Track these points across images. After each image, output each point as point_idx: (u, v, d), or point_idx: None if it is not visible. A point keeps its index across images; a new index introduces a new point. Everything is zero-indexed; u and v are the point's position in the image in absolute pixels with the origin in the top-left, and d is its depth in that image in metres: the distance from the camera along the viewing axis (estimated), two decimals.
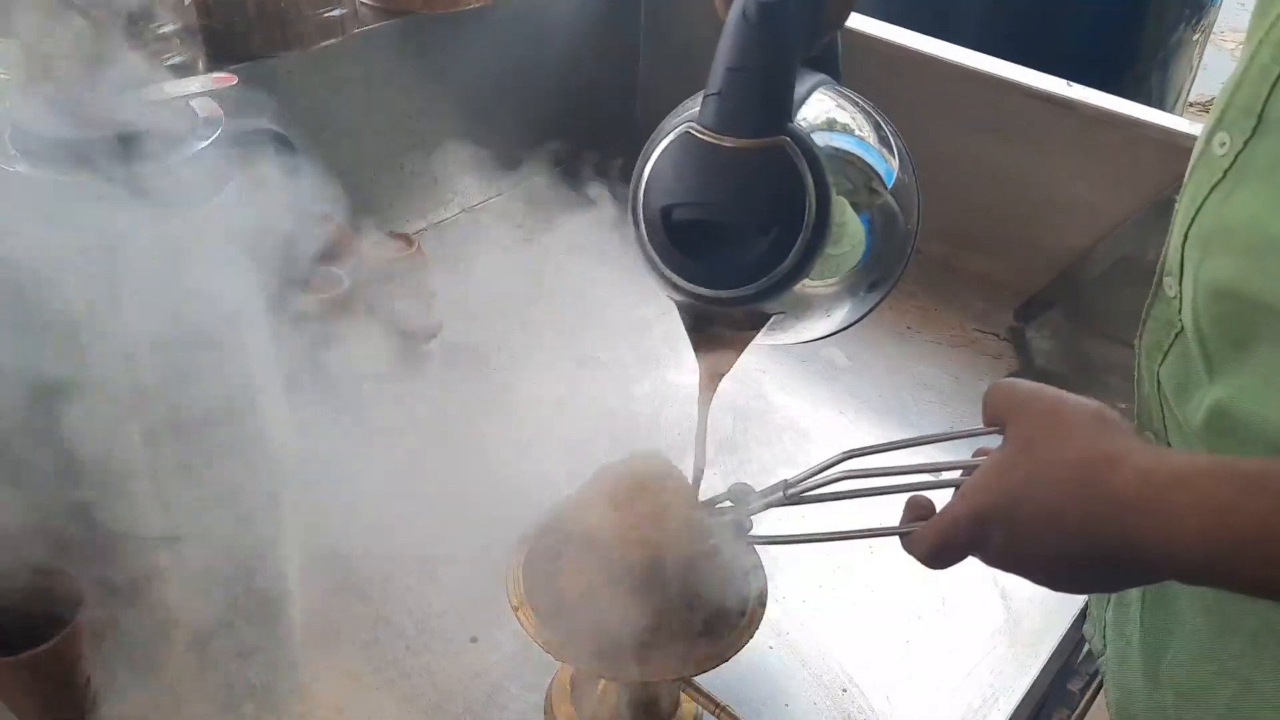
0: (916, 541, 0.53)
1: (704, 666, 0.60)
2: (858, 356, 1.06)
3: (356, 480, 0.88)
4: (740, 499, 0.60)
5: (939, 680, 0.76)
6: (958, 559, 0.52)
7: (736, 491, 0.60)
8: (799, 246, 0.52)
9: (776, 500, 0.58)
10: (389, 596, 0.78)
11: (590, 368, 1.03)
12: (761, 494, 0.59)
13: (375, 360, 1.00)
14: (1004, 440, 0.51)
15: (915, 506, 0.55)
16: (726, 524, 0.59)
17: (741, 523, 0.59)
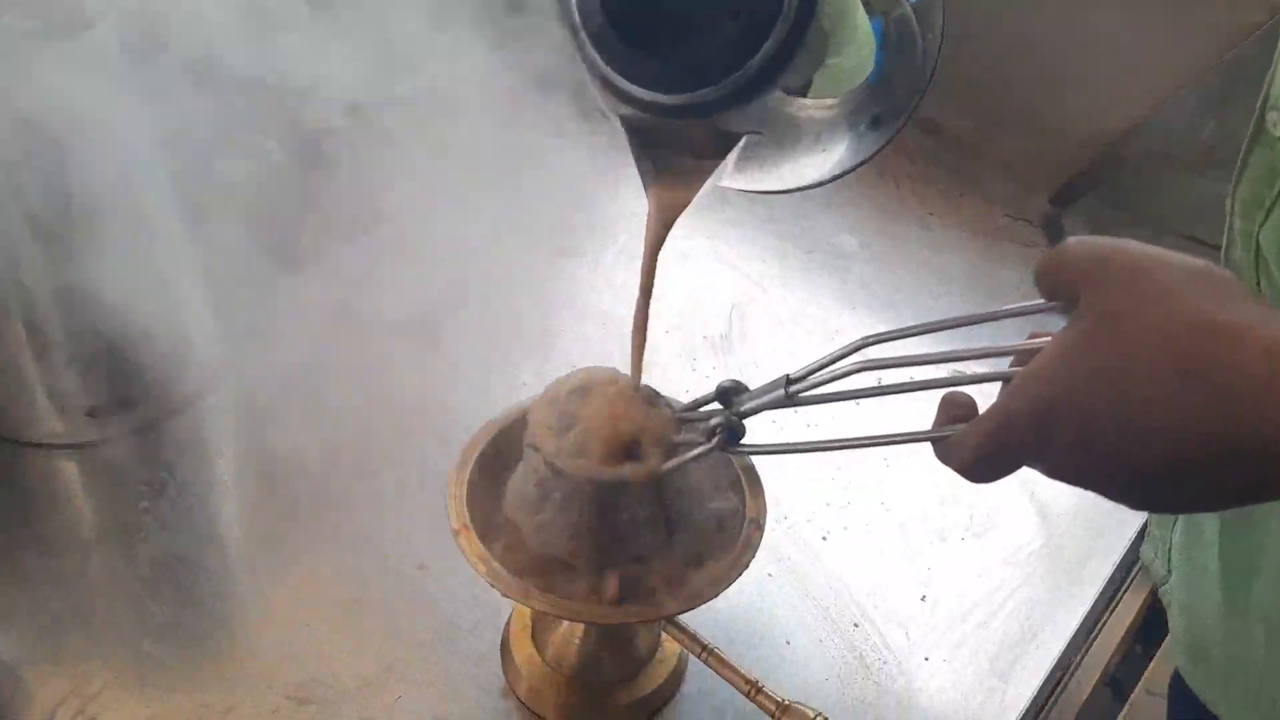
0: (955, 447, 0.41)
1: (686, 605, 0.49)
2: (871, 245, 0.93)
3: (292, 377, 0.77)
4: (730, 399, 0.48)
5: (966, 612, 0.65)
6: (1009, 468, 0.40)
7: (725, 390, 0.48)
8: (777, 35, 0.40)
9: (776, 400, 0.46)
10: (322, 514, 0.67)
11: (569, 257, 0.91)
12: (756, 392, 0.47)
13: (311, 244, 0.87)
14: (1074, 315, 0.39)
15: (952, 405, 0.43)
16: (713, 429, 0.47)
17: (732, 428, 0.47)
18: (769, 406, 0.47)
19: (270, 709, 0.57)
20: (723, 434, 0.47)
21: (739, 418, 0.47)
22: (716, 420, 0.47)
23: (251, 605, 0.62)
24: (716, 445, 0.47)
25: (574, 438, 0.48)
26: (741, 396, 0.48)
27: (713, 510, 0.52)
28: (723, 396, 0.49)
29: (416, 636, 0.60)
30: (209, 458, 0.71)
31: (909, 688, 0.60)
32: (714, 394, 0.49)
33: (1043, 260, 0.40)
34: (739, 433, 0.47)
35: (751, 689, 0.52)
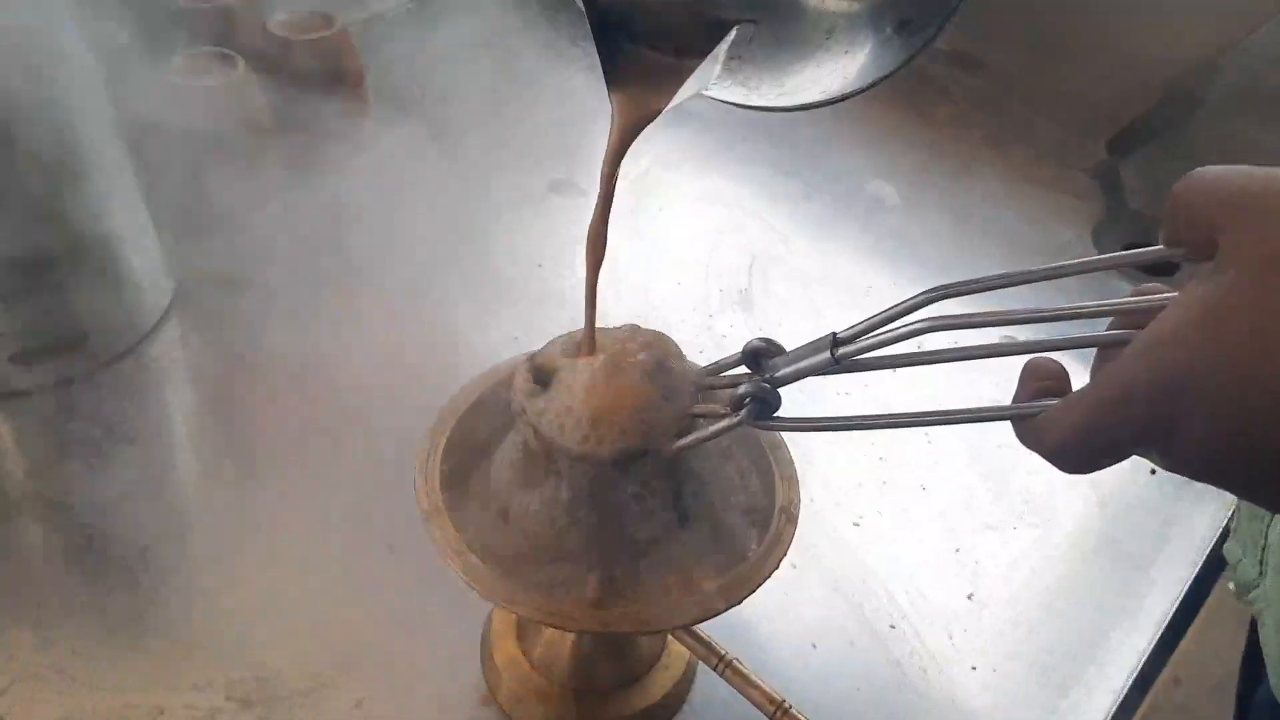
0: (1047, 428, 0.32)
1: (705, 613, 0.40)
2: (910, 194, 0.84)
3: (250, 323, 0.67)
4: (760, 362, 0.39)
5: (1018, 616, 0.56)
6: (1116, 456, 0.32)
7: (755, 351, 0.39)
8: None
9: (820, 365, 0.37)
10: (279, 484, 0.58)
11: (564, 194, 0.81)
12: (794, 354, 0.38)
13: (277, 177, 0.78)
14: (1214, 265, 0.30)
15: (1038, 375, 0.34)
16: (740, 399, 0.38)
17: (764, 398, 0.38)
18: (811, 372, 0.37)
19: (207, 712, 0.48)
20: (752, 405, 0.38)
21: (772, 385, 0.38)
22: (744, 388, 0.38)
23: (192, 587, 0.53)
24: (744, 419, 0.38)
25: (568, 404, 0.39)
26: (776, 360, 0.39)
27: (734, 498, 0.43)
28: (752, 359, 0.39)
29: (382, 630, 0.52)
30: (151, 413, 0.62)
31: (953, 702, 0.52)
32: (740, 356, 0.40)
33: (1173, 195, 0.31)
34: (772, 404, 0.38)
35: (777, 710, 0.43)
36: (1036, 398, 0.34)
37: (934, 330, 0.34)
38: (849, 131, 0.90)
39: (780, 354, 0.39)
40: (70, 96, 0.57)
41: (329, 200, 0.77)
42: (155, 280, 0.66)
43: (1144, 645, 0.55)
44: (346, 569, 0.54)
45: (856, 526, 0.59)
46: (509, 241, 0.76)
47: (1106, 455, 0.31)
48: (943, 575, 0.57)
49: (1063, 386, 0.34)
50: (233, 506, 0.57)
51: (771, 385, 0.38)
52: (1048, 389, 0.34)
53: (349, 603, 0.53)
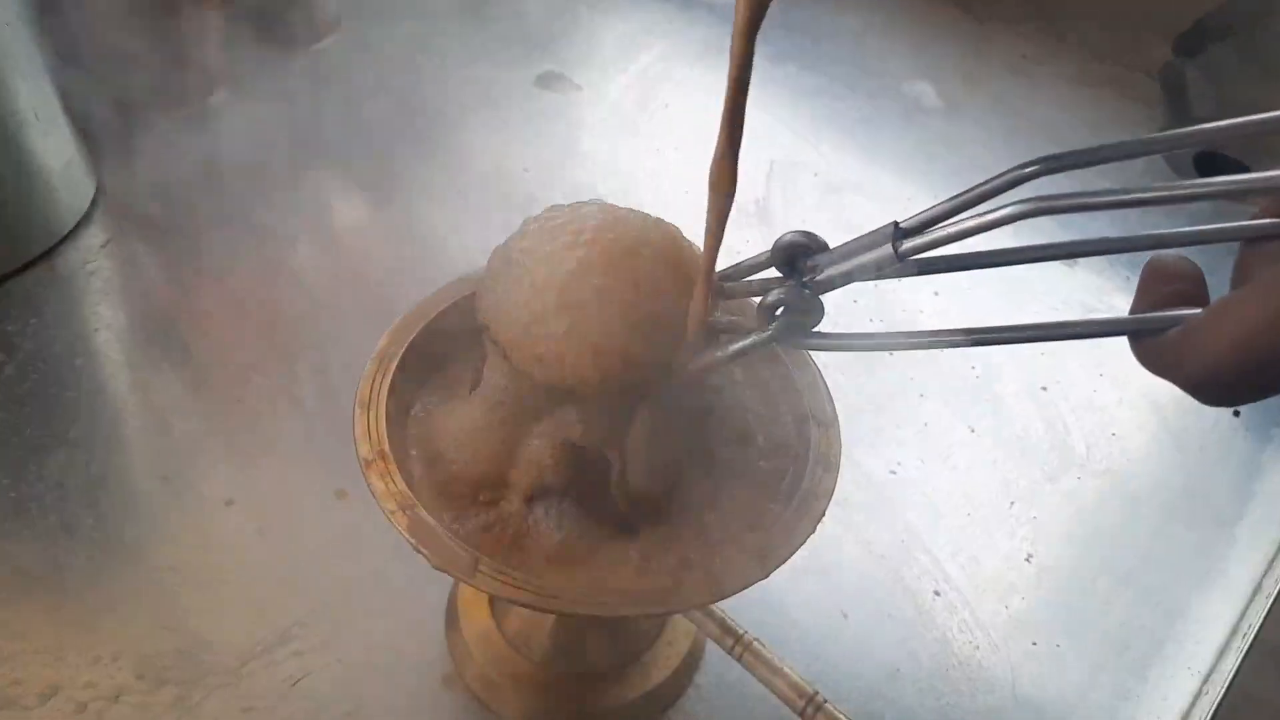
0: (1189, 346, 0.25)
1: (722, 590, 0.31)
2: (952, 96, 0.73)
3: (188, 221, 0.58)
4: (798, 263, 0.30)
5: (1086, 582, 0.47)
6: None
7: (791, 248, 0.30)
8: None
9: (878, 263, 0.27)
10: (210, 416, 0.49)
11: (554, 89, 0.71)
12: (845, 250, 0.28)
13: (238, 67, 0.67)
14: None
15: (1168, 274, 0.27)
16: (772, 308, 0.29)
17: (803, 306, 0.28)
18: (864, 274, 0.28)
19: (110, 691, 0.40)
20: (785, 316, 0.29)
21: (812, 291, 0.29)
22: (776, 294, 0.29)
23: (106, 539, 0.44)
24: (775, 334, 0.29)
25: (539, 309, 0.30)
26: (817, 259, 0.29)
27: (765, 444, 0.34)
28: (785, 259, 0.30)
29: (328, 593, 0.43)
30: (65, 331, 0.52)
31: (1011, 683, 0.44)
32: (770, 255, 0.30)
33: None
34: (813, 315, 0.29)
35: (808, 704, 0.35)
36: (1165, 306, 0.26)
37: (1036, 214, 0.25)
38: (884, 25, 0.79)
39: (823, 251, 0.29)
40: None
41: (284, 90, 0.67)
42: (72, 176, 0.56)
43: (1231, 616, 0.47)
44: (287, 521, 0.45)
45: (893, 475, 0.50)
46: (491, 142, 0.66)
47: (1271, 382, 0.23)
48: (996, 534, 0.48)
49: (1199, 292, 0.26)
50: (158, 445, 0.48)
51: (812, 291, 0.28)
52: (1180, 294, 0.26)
53: (290, 561, 0.44)
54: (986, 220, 0.25)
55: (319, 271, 0.56)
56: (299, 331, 0.53)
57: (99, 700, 0.39)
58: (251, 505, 0.46)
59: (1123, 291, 0.61)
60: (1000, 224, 0.25)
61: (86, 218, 0.57)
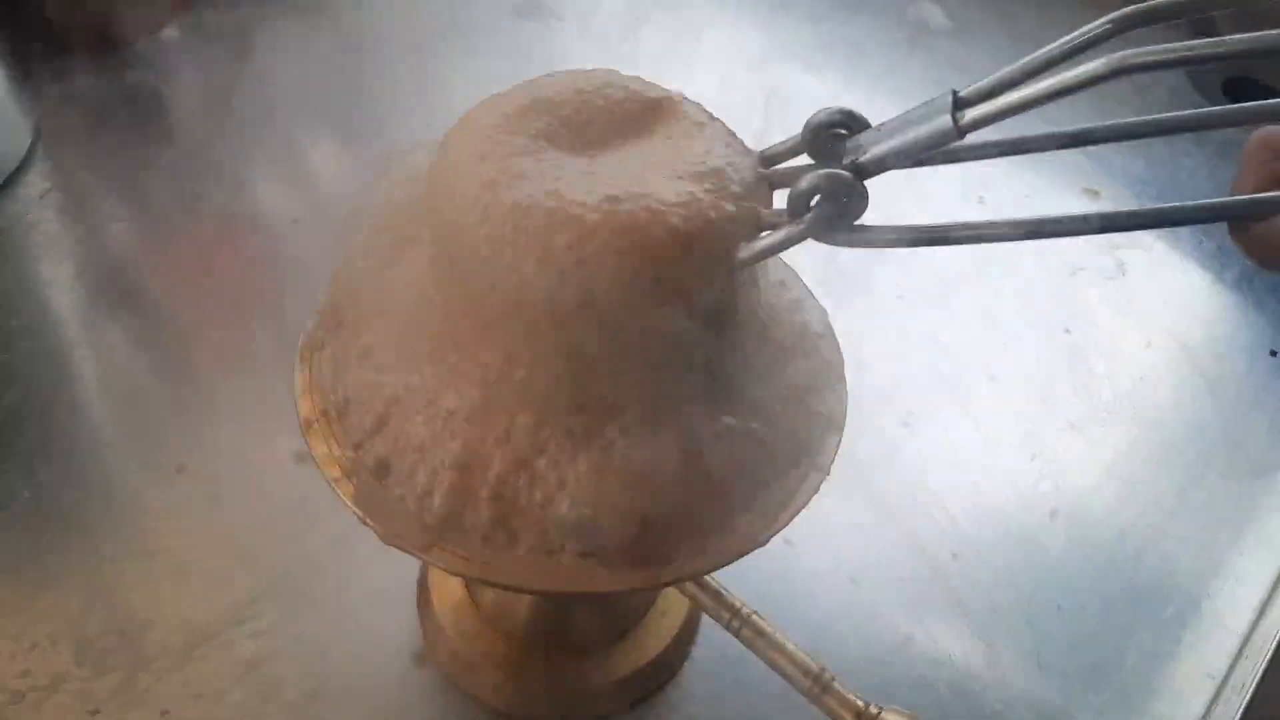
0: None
1: (714, 561, 0.27)
2: (961, 14, 0.68)
3: (136, 158, 0.54)
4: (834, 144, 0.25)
5: (1113, 540, 0.44)
6: None
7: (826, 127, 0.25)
8: None
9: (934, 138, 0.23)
10: (162, 371, 0.46)
11: (535, 17, 0.66)
12: (893, 125, 0.24)
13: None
14: None
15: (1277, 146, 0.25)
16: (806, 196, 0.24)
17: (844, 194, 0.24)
18: (918, 151, 0.23)
19: (48, 680, 0.36)
20: (825, 205, 0.24)
21: (857, 175, 0.24)
22: (811, 181, 0.24)
23: (44, 510, 0.40)
24: (812, 227, 0.24)
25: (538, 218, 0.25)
26: (860, 138, 0.25)
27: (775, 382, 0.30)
28: (819, 140, 0.26)
29: (287, 566, 0.39)
30: (3, 288, 0.48)
31: (1035, 650, 0.40)
32: (802, 135, 0.26)
33: None
34: (856, 204, 0.24)
35: (814, 683, 0.31)
36: (1274, 186, 0.24)
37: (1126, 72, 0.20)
38: None
39: (867, 129, 0.25)
40: None
41: (240, 22, 0.62)
42: (5, 120, 0.52)
43: (1272, 572, 0.43)
44: (244, 487, 0.42)
45: (906, 427, 0.46)
46: (467, 76, 0.61)
47: None
48: (1017, 489, 0.45)
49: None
50: (102, 410, 0.44)
51: (857, 175, 0.24)
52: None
53: (245, 531, 0.40)
54: (1068, 82, 0.21)
55: (279, 217, 0.52)
56: (256, 284, 0.49)
57: (36, 691, 0.36)
58: (203, 471, 0.42)
59: None
60: (1085, 85, 0.21)
61: (24, 165, 0.53)
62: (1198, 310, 0.53)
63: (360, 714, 0.36)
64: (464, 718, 0.36)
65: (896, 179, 0.24)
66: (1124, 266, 0.54)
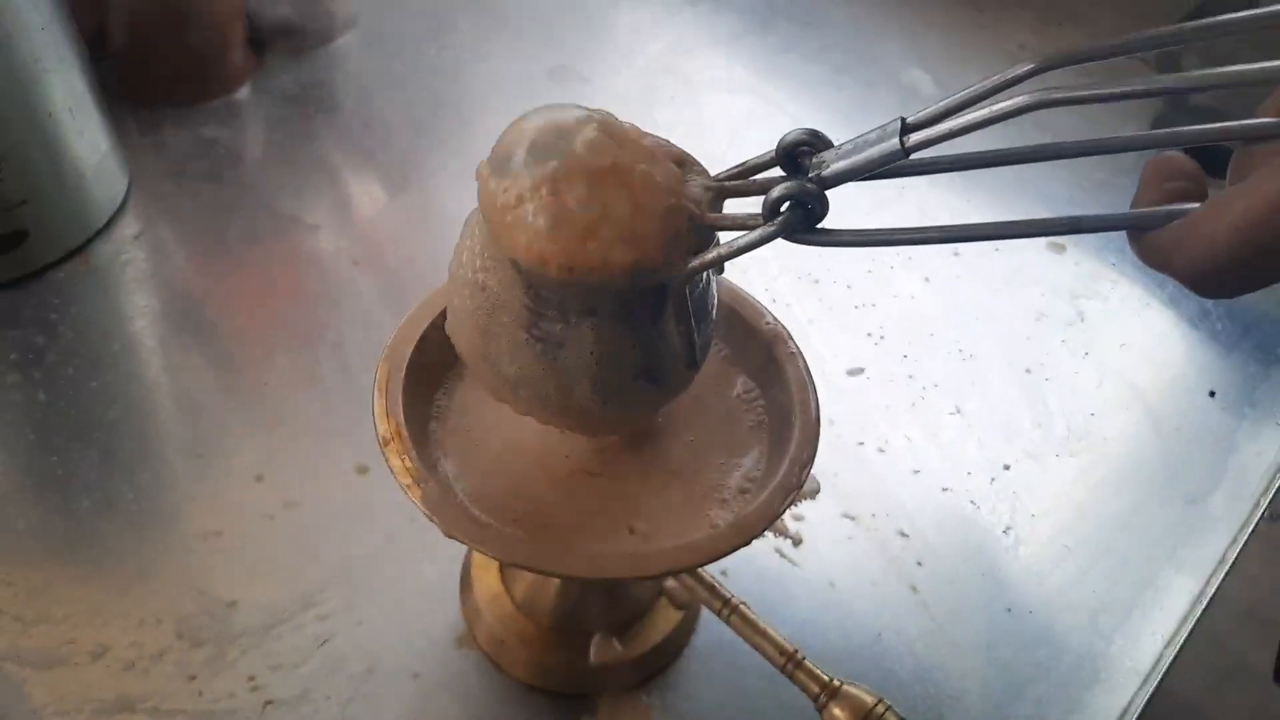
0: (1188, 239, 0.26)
1: (713, 552, 0.34)
2: (948, 82, 0.75)
3: (215, 214, 0.61)
4: (801, 160, 0.30)
5: (1060, 555, 0.50)
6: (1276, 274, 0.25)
7: (794, 146, 0.30)
8: None
9: (884, 157, 0.28)
10: (240, 394, 0.53)
11: (564, 82, 0.73)
12: (851, 146, 0.29)
13: (261, 61, 0.70)
14: None
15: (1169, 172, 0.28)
16: (775, 204, 0.29)
17: (808, 199, 0.28)
18: (870, 168, 0.28)
19: (154, 650, 0.43)
20: (791, 211, 0.29)
21: (819, 186, 0.29)
22: (781, 189, 0.29)
23: (141, 511, 0.48)
24: (779, 228, 0.29)
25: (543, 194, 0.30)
26: (823, 155, 0.29)
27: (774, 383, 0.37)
28: (789, 158, 0.30)
29: (350, 562, 0.47)
30: (101, 320, 0.56)
31: (987, 646, 0.47)
32: (774, 153, 0.31)
33: None
34: (817, 210, 0.29)
35: (789, 662, 0.38)
36: (1165, 202, 0.27)
37: (1042, 107, 0.26)
38: (882, 15, 0.81)
39: (829, 148, 0.30)
40: None
41: (305, 84, 0.70)
42: (105, 170, 0.59)
43: (1195, 587, 0.50)
44: (313, 495, 0.49)
45: (882, 453, 0.53)
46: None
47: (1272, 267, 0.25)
48: (977, 508, 0.51)
49: (1200, 189, 0.27)
50: (188, 424, 0.52)
51: (818, 185, 0.28)
52: (1181, 191, 0.27)
53: (314, 531, 0.48)
54: (995, 112, 0.26)
55: (338, 257, 0.59)
56: (319, 315, 0.56)
57: (144, 659, 0.43)
58: (278, 479, 0.49)
59: (1109, 279, 0.63)
60: (1008, 115, 0.26)
61: (120, 210, 0.60)
62: (1146, 354, 0.59)
63: (410, 687, 0.43)
64: (499, 690, 0.43)
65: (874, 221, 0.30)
66: (1083, 314, 0.61)
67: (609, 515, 0.35)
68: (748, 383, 0.40)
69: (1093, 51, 0.28)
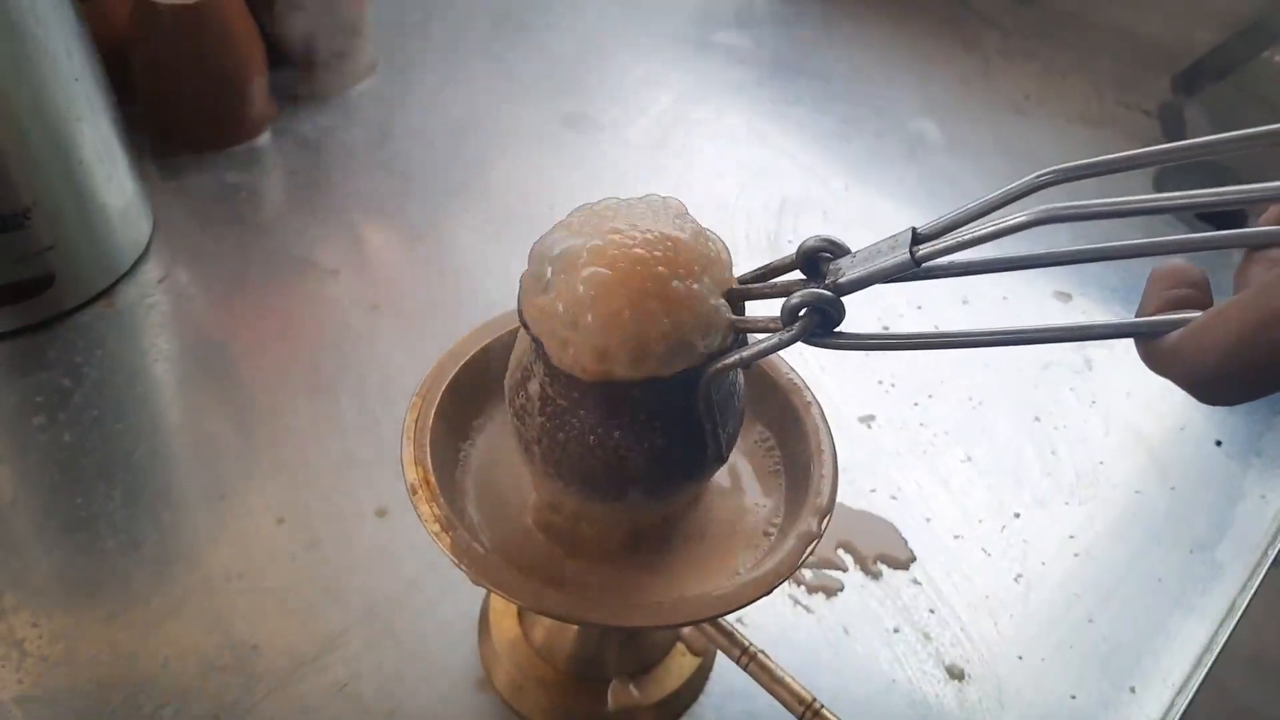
0: (1190, 347, 0.27)
1: (735, 602, 0.35)
2: (955, 132, 0.77)
3: (237, 263, 0.62)
4: (819, 266, 0.31)
5: (1070, 600, 0.51)
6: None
7: (813, 252, 0.31)
8: None
9: (896, 267, 0.29)
10: (263, 439, 0.53)
11: (579, 130, 0.75)
12: (865, 254, 0.30)
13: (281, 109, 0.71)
14: None
15: (1174, 280, 0.28)
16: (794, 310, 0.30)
17: (825, 307, 0.30)
18: (883, 277, 0.29)
19: (179, 693, 0.44)
20: (809, 316, 0.30)
21: (836, 293, 0.30)
22: (799, 296, 0.30)
23: (165, 553, 0.48)
24: (798, 333, 0.30)
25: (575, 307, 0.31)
26: (839, 263, 0.31)
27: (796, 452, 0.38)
28: (809, 263, 0.32)
29: (371, 606, 0.47)
30: (126, 362, 0.57)
31: (998, 693, 0.47)
32: (795, 258, 0.32)
33: None
34: (834, 316, 0.30)
35: (806, 710, 0.39)
36: (1169, 309, 0.28)
37: (1046, 223, 0.26)
38: (889, 65, 0.83)
39: (846, 254, 0.31)
40: (32, 13, 0.51)
41: (324, 130, 0.71)
42: (131, 215, 0.61)
43: (1205, 634, 0.50)
44: (333, 537, 0.49)
45: (894, 500, 0.54)
46: (519, 178, 0.70)
47: (1272, 381, 0.25)
48: (988, 555, 0.52)
49: (1203, 298, 0.28)
50: (211, 466, 0.53)
51: (835, 292, 0.30)
52: (1185, 299, 0.28)
53: (336, 573, 0.48)
54: (1002, 227, 0.27)
55: (357, 303, 0.61)
56: (339, 359, 0.57)
57: (173, 697, 0.43)
58: (299, 522, 0.50)
59: None
60: (1014, 230, 0.27)
61: (144, 255, 0.61)
62: (1153, 403, 0.60)
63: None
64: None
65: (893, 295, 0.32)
66: (1090, 362, 0.62)
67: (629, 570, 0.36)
68: (764, 431, 0.41)
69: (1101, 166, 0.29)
